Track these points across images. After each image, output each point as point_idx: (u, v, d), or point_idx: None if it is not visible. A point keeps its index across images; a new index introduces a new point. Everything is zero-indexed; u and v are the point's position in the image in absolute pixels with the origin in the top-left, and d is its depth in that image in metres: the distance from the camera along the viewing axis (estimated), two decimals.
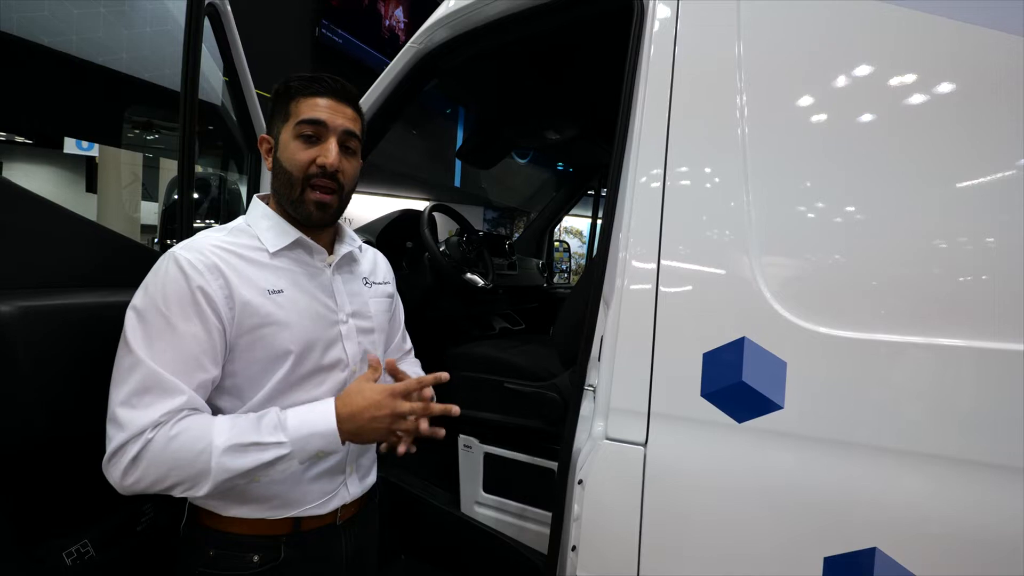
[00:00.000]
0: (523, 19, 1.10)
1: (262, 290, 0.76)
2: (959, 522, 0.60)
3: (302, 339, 0.78)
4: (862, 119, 0.69)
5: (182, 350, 0.69)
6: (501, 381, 1.37)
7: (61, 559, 0.77)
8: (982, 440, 0.60)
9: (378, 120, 1.33)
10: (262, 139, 0.84)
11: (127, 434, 0.65)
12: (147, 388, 0.67)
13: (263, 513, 0.77)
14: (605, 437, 0.81)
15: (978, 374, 0.61)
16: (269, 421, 0.71)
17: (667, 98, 0.80)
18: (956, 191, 0.64)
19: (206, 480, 0.67)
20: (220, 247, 0.76)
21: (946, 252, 0.63)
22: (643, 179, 0.81)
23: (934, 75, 0.66)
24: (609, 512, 0.80)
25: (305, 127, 0.78)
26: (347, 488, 0.86)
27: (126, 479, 0.66)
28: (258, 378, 0.76)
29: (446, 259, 1.62)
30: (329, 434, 0.72)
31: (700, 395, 0.74)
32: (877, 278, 0.66)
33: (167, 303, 0.70)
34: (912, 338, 0.63)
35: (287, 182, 0.80)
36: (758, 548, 0.70)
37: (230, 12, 1.08)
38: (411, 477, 1.58)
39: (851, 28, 0.71)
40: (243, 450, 0.68)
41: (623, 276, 0.81)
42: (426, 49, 1.23)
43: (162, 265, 0.73)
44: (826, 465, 0.67)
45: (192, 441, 0.67)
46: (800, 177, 0.71)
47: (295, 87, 0.80)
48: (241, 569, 0.77)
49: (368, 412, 0.73)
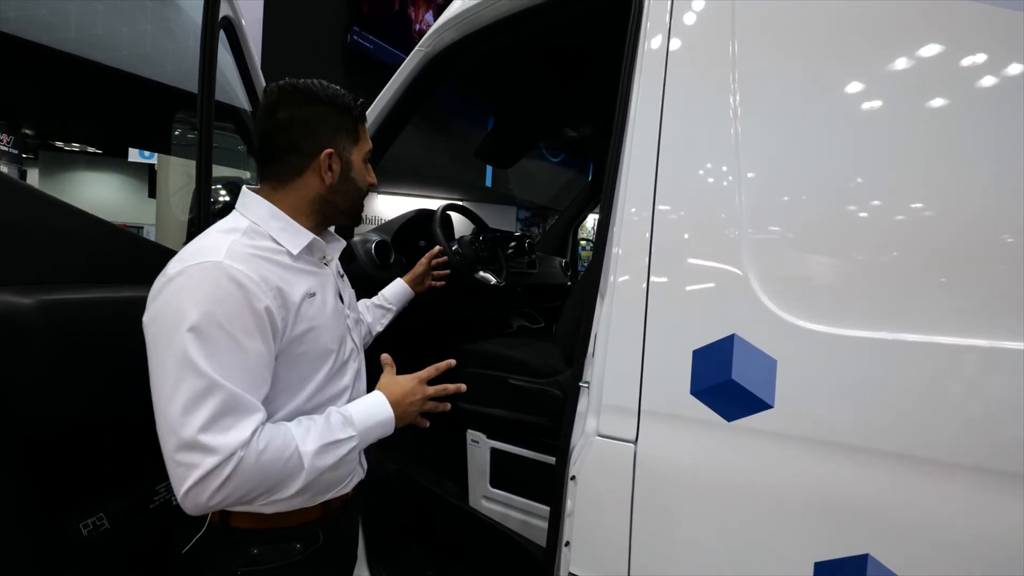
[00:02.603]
0: (525, 18, 1.11)
1: (303, 295, 0.78)
2: (954, 528, 0.57)
3: (337, 337, 0.85)
4: (854, 118, 0.67)
5: (249, 367, 0.70)
6: (506, 377, 1.38)
7: (78, 530, 0.85)
8: (977, 442, 0.57)
9: (389, 123, 1.37)
10: (328, 153, 0.83)
11: (218, 458, 0.65)
12: (228, 410, 0.66)
13: (306, 502, 0.80)
14: (597, 434, 0.81)
15: (974, 373, 0.58)
16: (337, 419, 0.78)
17: (660, 96, 0.79)
18: (947, 187, 0.61)
19: (295, 481, 0.71)
20: (256, 255, 0.75)
21: (939, 249, 0.60)
22: (635, 175, 0.80)
23: (927, 73, 0.63)
24: (600, 509, 0.80)
25: (369, 155, 0.91)
26: (361, 465, 0.94)
27: (213, 500, 0.66)
28: (305, 378, 0.80)
29: (458, 258, 1.64)
30: (388, 422, 0.83)
31: (690, 393, 0.73)
32: (869, 275, 0.64)
33: (230, 320, 0.68)
34: (906, 336, 0.60)
35: (359, 199, 0.91)
36: (747, 550, 0.69)
37: (244, 25, 1.14)
38: (425, 471, 1.62)
39: (845, 27, 0.69)
40: (327, 448, 0.75)
41: (615, 272, 0.81)
42: (434, 52, 1.25)
43: (211, 278, 0.68)
44: (817, 467, 0.65)
45: (279, 451, 0.70)
46: (792, 175, 0.70)
47: (358, 113, 0.88)
48: (286, 558, 0.81)
49: (407, 399, 0.85)
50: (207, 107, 0.96)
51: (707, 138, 0.75)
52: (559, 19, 1.09)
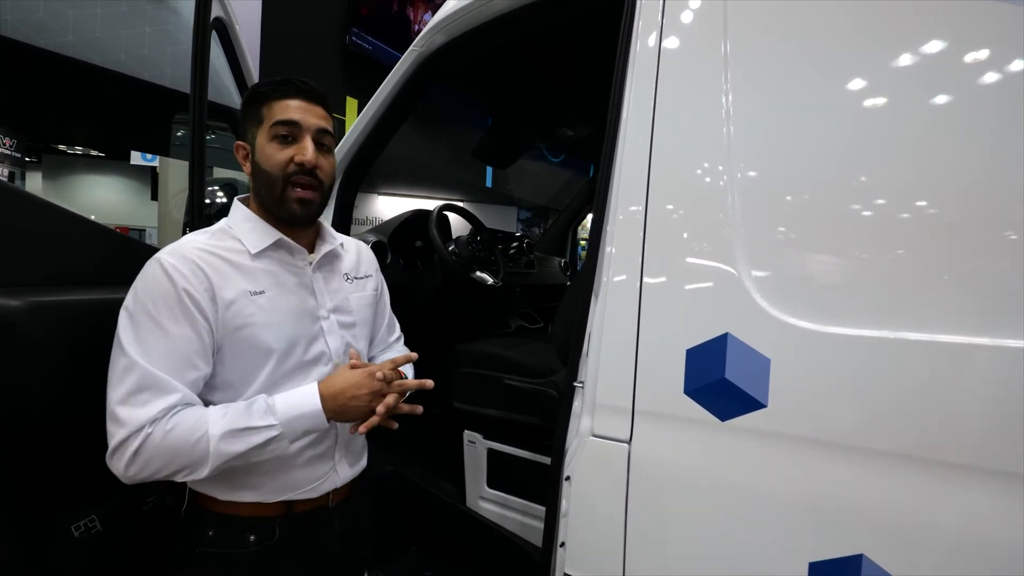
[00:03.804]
0: (519, 18, 1.10)
1: (244, 291, 0.79)
2: (949, 528, 0.57)
3: (284, 337, 0.82)
4: (847, 118, 0.67)
5: (173, 350, 0.73)
6: (501, 377, 1.38)
7: (69, 532, 0.85)
8: (973, 442, 0.56)
9: (384, 123, 1.37)
10: (238, 146, 0.86)
11: (127, 430, 0.70)
12: (143, 387, 0.71)
13: (258, 497, 0.82)
14: (591, 434, 0.80)
15: (967, 372, 0.57)
16: (259, 407, 0.76)
17: (652, 95, 0.79)
18: (941, 186, 0.61)
19: (205, 464, 0.73)
20: (203, 250, 0.79)
21: (933, 247, 0.60)
22: (628, 174, 0.80)
23: (921, 72, 0.63)
24: (595, 509, 0.80)
25: (280, 128, 0.81)
26: (337, 473, 0.90)
27: (129, 470, 0.72)
28: (247, 375, 0.80)
29: (455, 258, 1.64)
30: (315, 414, 0.78)
31: (683, 392, 0.72)
32: (863, 273, 0.64)
33: (155, 306, 0.74)
34: (900, 334, 0.60)
35: (268, 183, 0.82)
36: (742, 550, 0.68)
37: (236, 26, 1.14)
38: (422, 471, 1.61)
39: (839, 27, 0.68)
40: (238, 435, 0.74)
41: (608, 271, 0.80)
42: (427, 52, 1.25)
43: (148, 269, 0.76)
44: (811, 467, 0.64)
45: (188, 432, 0.72)
46: (785, 174, 0.70)
47: (265, 92, 0.83)
48: (238, 547, 0.82)
49: (348, 391, 0.80)
50: (199, 109, 0.96)
51: (700, 137, 0.75)
52: (554, 18, 1.09)
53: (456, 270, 1.61)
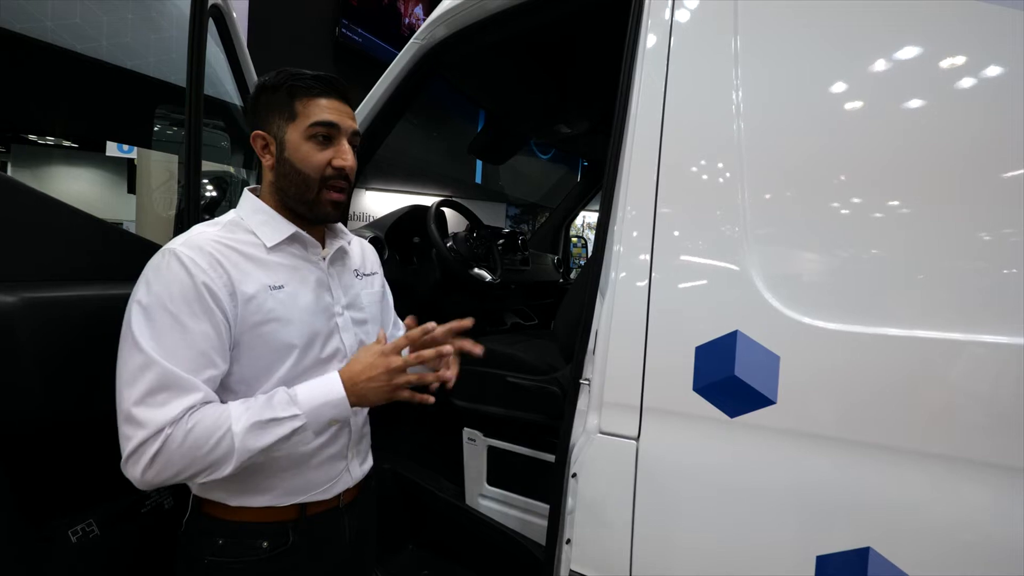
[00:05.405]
0: (523, 12, 1.10)
1: (264, 286, 0.77)
2: (955, 522, 0.58)
3: (305, 333, 0.80)
4: (857, 115, 0.67)
5: (192, 347, 0.70)
6: (503, 375, 1.38)
7: (66, 537, 0.82)
8: (979, 437, 0.57)
9: (383, 116, 1.35)
10: (256, 135, 0.83)
11: (146, 432, 0.66)
12: (162, 387, 0.68)
13: (271, 501, 0.80)
14: (598, 431, 0.80)
15: (976, 369, 0.58)
16: (280, 398, 0.74)
17: (662, 93, 0.79)
18: (950, 185, 0.61)
19: (229, 462, 0.70)
20: (219, 242, 0.76)
21: (941, 245, 0.61)
22: (637, 172, 0.80)
23: (930, 70, 0.63)
24: (602, 506, 0.80)
25: (319, 129, 0.79)
26: (349, 473, 0.89)
27: (147, 475, 0.68)
28: (264, 371, 0.78)
29: (453, 254, 1.63)
30: (339, 401, 0.76)
31: (692, 389, 0.73)
32: (872, 271, 0.64)
33: (173, 301, 0.70)
34: (909, 332, 0.61)
35: (302, 183, 0.80)
36: (750, 545, 0.69)
37: (233, 13, 1.11)
38: (420, 469, 1.60)
39: (849, 24, 0.69)
40: (262, 427, 0.71)
41: (617, 269, 0.80)
42: (428, 45, 1.23)
43: (162, 261, 0.73)
44: (819, 462, 0.65)
45: (209, 430, 0.69)
46: (795, 171, 0.70)
47: (300, 87, 0.80)
48: (251, 555, 0.79)
49: (364, 374, 0.77)
50: (196, 99, 0.93)
51: (710, 134, 0.75)
52: (557, 12, 1.08)
53: (455, 266, 1.59)
